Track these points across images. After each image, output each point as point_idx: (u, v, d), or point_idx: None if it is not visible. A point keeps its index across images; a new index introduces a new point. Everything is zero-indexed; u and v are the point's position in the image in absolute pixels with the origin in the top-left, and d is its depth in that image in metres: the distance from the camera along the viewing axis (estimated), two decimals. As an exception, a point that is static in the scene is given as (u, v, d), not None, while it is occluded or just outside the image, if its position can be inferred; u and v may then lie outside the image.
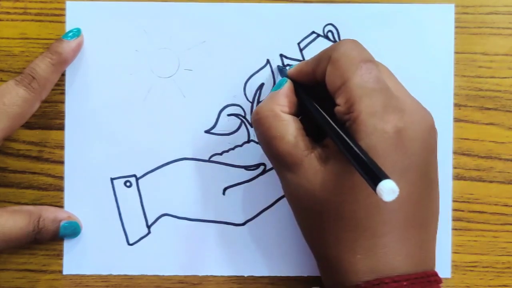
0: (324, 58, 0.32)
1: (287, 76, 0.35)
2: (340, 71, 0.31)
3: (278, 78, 0.39)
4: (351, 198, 0.30)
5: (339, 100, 0.31)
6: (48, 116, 0.39)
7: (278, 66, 0.39)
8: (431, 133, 0.32)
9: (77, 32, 0.38)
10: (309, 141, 0.32)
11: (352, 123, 0.30)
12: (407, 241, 0.31)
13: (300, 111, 0.34)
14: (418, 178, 0.31)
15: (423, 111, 0.32)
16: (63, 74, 0.39)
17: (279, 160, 0.33)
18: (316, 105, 0.33)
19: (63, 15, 0.39)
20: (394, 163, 0.29)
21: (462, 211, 0.39)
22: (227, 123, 0.39)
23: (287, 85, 0.34)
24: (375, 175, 0.26)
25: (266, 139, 0.33)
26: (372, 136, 0.29)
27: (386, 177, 0.26)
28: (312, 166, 0.31)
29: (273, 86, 0.39)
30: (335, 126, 0.30)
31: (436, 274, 0.32)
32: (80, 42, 0.38)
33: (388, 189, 0.25)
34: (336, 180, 0.30)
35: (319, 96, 0.33)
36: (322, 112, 0.32)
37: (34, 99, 0.36)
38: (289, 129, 0.32)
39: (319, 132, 0.33)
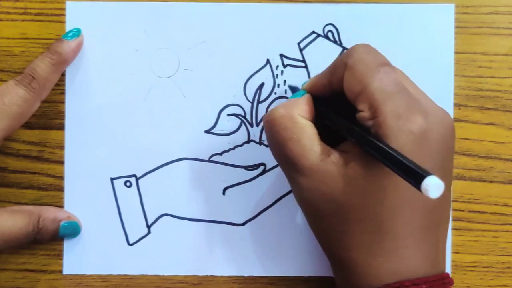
0: (339, 66, 0.32)
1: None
2: (358, 77, 0.31)
3: (293, 80, 0.39)
4: (374, 201, 0.30)
5: (362, 106, 0.31)
6: (48, 116, 0.39)
7: (289, 85, 0.39)
8: (452, 134, 0.32)
9: (77, 32, 0.38)
10: (325, 145, 0.32)
11: (377, 128, 0.30)
12: (425, 243, 0.31)
13: (316, 124, 0.34)
14: None
15: (444, 112, 0.32)
16: (63, 74, 0.39)
17: (292, 164, 0.32)
18: (337, 115, 0.32)
19: (63, 15, 0.39)
20: (420, 164, 0.29)
21: (462, 211, 0.39)
22: (227, 123, 0.39)
23: (307, 95, 0.34)
24: (417, 174, 0.25)
25: (280, 141, 0.32)
26: (399, 138, 0.29)
27: (429, 173, 0.25)
28: (330, 170, 0.31)
29: (272, 87, 0.39)
30: (363, 133, 0.30)
31: (448, 276, 0.32)
32: (80, 42, 0.38)
33: (434, 186, 0.24)
34: (359, 184, 0.30)
35: (335, 108, 0.33)
36: (345, 121, 0.32)
37: (34, 99, 0.36)
38: (305, 132, 0.32)
39: (334, 140, 0.33)
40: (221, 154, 0.39)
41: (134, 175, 0.39)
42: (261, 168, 0.39)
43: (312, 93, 0.34)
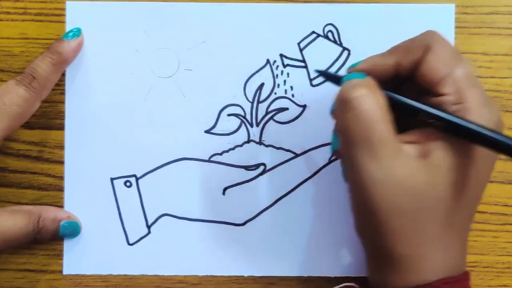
0: (417, 48, 0.31)
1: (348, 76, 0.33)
2: (445, 61, 0.31)
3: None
4: (457, 194, 0.30)
5: (447, 89, 0.30)
6: (48, 116, 0.39)
7: (318, 70, 0.35)
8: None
9: (77, 32, 0.38)
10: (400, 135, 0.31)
11: (464, 113, 0.30)
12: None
13: None
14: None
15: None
16: (63, 74, 0.39)
17: (372, 149, 0.29)
18: (416, 99, 0.31)
19: (63, 15, 0.39)
20: None
21: (462, 211, 0.39)
22: (227, 123, 0.39)
23: (372, 77, 0.32)
24: None
25: (364, 122, 0.29)
26: (488, 125, 0.30)
27: None
28: (411, 161, 0.30)
29: (272, 87, 0.39)
30: (452, 114, 0.30)
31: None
32: (80, 42, 0.38)
33: None
34: (442, 175, 0.30)
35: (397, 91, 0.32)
36: (425, 103, 0.31)
37: (35, 99, 0.37)
38: (387, 116, 0.30)
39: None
40: (221, 154, 0.39)
41: (134, 175, 0.39)
42: (261, 168, 0.39)
43: (371, 74, 0.32)
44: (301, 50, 0.39)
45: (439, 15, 0.39)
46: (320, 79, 0.39)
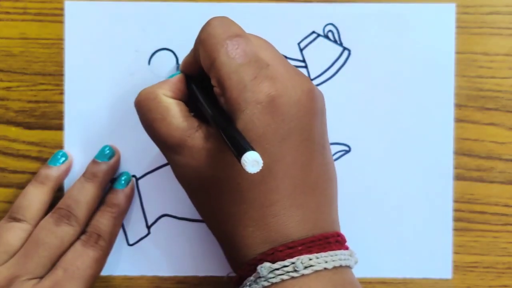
0: (197, 42, 0.32)
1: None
2: (208, 52, 0.30)
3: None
4: (234, 172, 0.30)
5: (213, 81, 0.31)
6: (48, 116, 0.39)
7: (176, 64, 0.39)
8: (310, 96, 0.31)
9: (129, 179, 0.39)
10: (195, 121, 0.32)
11: (226, 102, 0.30)
12: (299, 207, 0.31)
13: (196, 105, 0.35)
14: (301, 143, 0.31)
15: (298, 76, 0.31)
16: (63, 74, 0.39)
17: (162, 143, 0.32)
18: (195, 89, 0.33)
19: (63, 15, 0.39)
20: (274, 131, 0.29)
21: (463, 211, 0.39)
22: (227, 123, 0.39)
23: (178, 75, 0.34)
24: (241, 148, 0.27)
25: (147, 122, 0.32)
26: (246, 110, 0.29)
27: (250, 149, 0.26)
28: (197, 145, 0.31)
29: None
30: (204, 102, 0.31)
31: (337, 235, 0.31)
32: (133, 187, 0.39)
33: (251, 161, 0.26)
34: (218, 156, 0.30)
35: (207, 86, 0.33)
36: (197, 93, 0.32)
37: (104, 257, 0.37)
38: (170, 111, 0.32)
39: None
40: (221, 154, 0.39)
41: (134, 175, 0.39)
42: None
43: (185, 71, 0.34)
44: (301, 50, 0.39)
45: (439, 15, 0.39)
46: (320, 79, 0.39)
